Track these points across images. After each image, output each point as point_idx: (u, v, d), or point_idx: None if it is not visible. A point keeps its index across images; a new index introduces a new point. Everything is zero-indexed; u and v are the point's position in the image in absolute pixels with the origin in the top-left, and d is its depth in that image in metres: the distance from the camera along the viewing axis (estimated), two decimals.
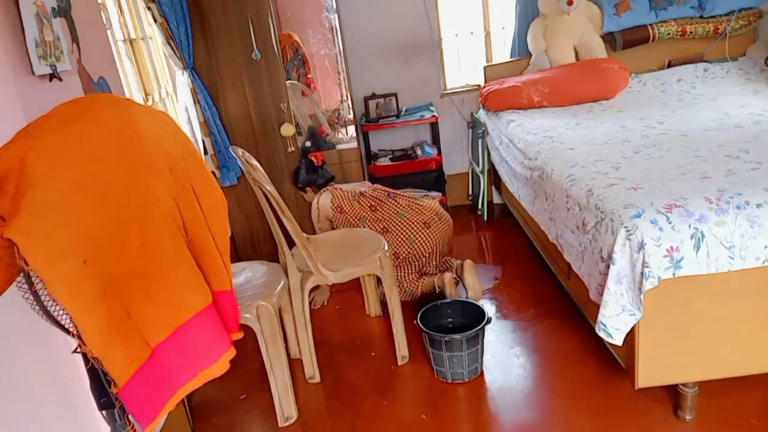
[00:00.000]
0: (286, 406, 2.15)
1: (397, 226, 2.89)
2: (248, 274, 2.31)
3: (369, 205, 2.98)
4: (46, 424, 1.44)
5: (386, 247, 2.41)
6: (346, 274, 2.31)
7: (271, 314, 2.05)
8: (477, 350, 2.24)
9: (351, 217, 2.98)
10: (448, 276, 2.77)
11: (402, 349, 2.43)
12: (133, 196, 1.07)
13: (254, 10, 3.19)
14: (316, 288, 3.06)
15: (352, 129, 3.88)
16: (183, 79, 3.08)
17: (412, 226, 2.88)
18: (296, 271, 2.29)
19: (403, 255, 2.87)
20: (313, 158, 3.28)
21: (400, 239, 2.87)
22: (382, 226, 2.91)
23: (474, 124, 4.00)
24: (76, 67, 1.77)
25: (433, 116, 3.82)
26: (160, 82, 3.13)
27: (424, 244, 2.87)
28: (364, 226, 2.93)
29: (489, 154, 3.69)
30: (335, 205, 3.01)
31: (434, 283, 2.82)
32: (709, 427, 1.87)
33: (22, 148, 0.95)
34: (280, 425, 2.15)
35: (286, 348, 2.37)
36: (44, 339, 1.45)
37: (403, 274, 2.90)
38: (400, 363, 2.42)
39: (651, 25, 3.67)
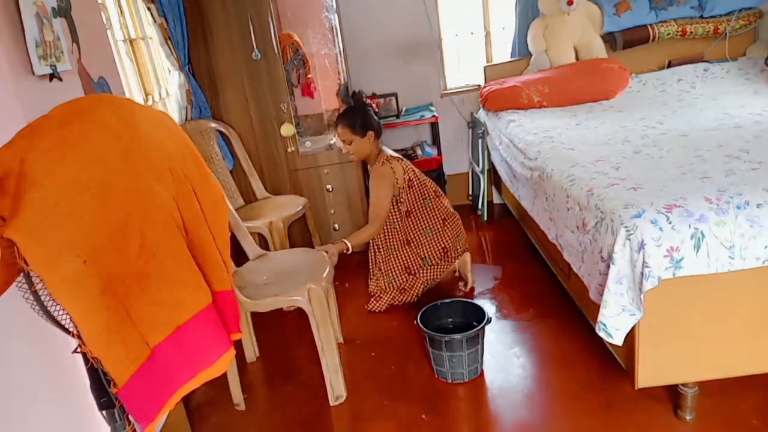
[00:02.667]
0: (336, 385, 2.21)
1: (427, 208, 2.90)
2: (292, 258, 2.43)
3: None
4: (46, 424, 1.44)
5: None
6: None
7: (321, 296, 2.11)
8: (477, 350, 2.24)
9: (416, 194, 2.86)
10: (467, 256, 3.02)
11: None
12: (133, 196, 1.07)
13: (254, 10, 3.19)
14: None
15: None
16: (178, 80, 3.09)
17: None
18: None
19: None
20: (371, 102, 2.94)
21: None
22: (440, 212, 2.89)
23: (474, 124, 4.00)
24: (76, 67, 1.77)
25: (433, 116, 3.82)
26: (160, 82, 3.13)
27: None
28: (424, 209, 2.87)
29: (489, 154, 3.69)
30: (408, 178, 2.84)
31: (455, 268, 3.05)
32: (709, 427, 1.87)
33: (22, 148, 0.95)
34: (331, 404, 2.22)
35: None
36: (44, 339, 1.45)
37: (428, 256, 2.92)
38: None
39: (651, 25, 3.67)
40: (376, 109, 2.80)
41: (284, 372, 2.51)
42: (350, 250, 2.66)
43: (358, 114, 2.79)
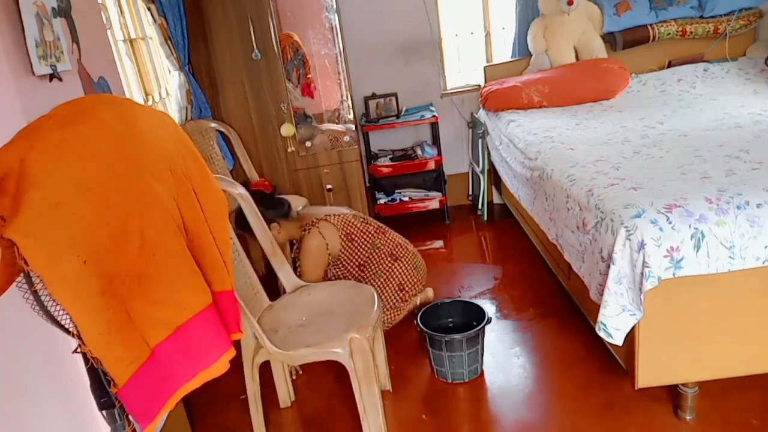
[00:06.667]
0: None
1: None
2: (335, 293, 2.12)
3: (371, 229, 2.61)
4: (46, 424, 1.44)
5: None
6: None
7: (365, 348, 1.78)
8: (477, 350, 2.24)
9: (362, 243, 2.58)
10: (429, 292, 2.80)
11: None
12: (134, 196, 1.07)
13: (254, 10, 3.19)
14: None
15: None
16: (178, 79, 3.09)
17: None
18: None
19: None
20: (261, 188, 2.63)
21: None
22: (388, 251, 2.61)
23: (474, 124, 4.00)
24: (76, 67, 1.77)
25: (433, 116, 3.82)
26: (160, 82, 3.13)
27: (392, 276, 2.61)
28: (374, 252, 2.57)
29: (489, 154, 3.69)
30: (344, 233, 2.54)
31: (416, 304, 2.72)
32: (709, 427, 1.87)
33: (22, 148, 0.95)
34: None
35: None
36: (44, 339, 1.45)
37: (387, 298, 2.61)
38: None
39: (651, 25, 3.67)
40: (271, 190, 2.48)
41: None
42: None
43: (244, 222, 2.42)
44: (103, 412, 1.20)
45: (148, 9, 2.88)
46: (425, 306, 2.48)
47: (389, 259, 2.60)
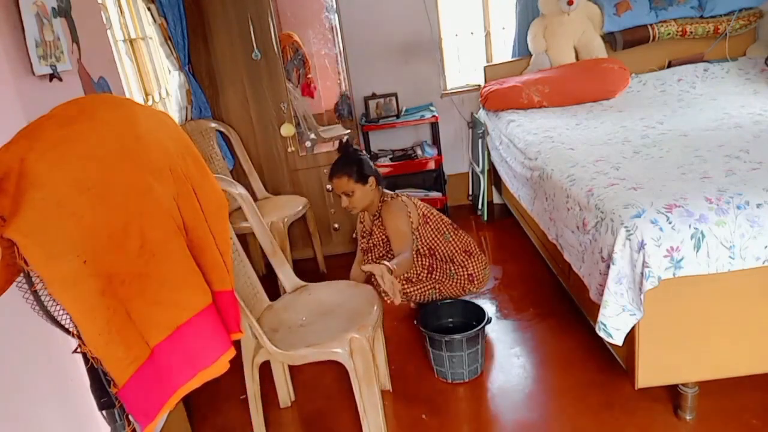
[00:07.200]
0: None
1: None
2: (335, 293, 2.13)
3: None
4: (46, 424, 1.44)
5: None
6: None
7: (365, 348, 1.79)
8: (477, 350, 2.24)
9: (435, 229, 2.57)
10: None
11: None
12: (133, 196, 1.07)
13: (254, 10, 3.19)
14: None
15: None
16: (178, 79, 3.09)
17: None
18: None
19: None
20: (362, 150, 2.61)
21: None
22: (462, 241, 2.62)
23: (474, 124, 4.00)
24: (76, 67, 1.77)
25: (433, 116, 3.82)
26: (160, 82, 3.13)
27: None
28: (446, 243, 2.57)
29: (489, 154, 3.69)
30: (421, 213, 2.55)
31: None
32: (709, 427, 1.87)
33: (22, 148, 0.95)
34: None
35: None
36: (44, 339, 1.45)
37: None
38: None
39: (651, 25, 3.67)
40: (366, 154, 2.58)
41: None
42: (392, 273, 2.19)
43: (353, 161, 2.44)
44: (103, 412, 1.20)
45: (148, 9, 2.88)
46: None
47: (463, 254, 2.60)
